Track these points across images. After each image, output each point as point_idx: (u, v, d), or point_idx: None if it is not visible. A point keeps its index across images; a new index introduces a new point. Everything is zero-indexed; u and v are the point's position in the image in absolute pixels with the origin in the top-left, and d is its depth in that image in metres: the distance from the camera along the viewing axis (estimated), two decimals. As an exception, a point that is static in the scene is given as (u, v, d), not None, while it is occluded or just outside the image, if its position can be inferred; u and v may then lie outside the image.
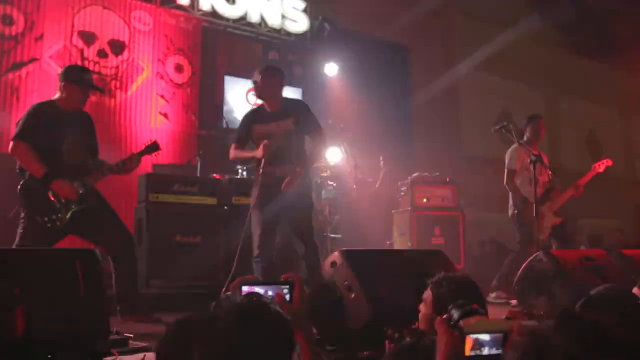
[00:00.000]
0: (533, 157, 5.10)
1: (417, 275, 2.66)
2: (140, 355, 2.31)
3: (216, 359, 1.09)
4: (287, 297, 1.53)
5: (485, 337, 1.23)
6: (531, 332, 0.99)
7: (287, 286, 1.53)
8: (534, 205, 5.01)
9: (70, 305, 1.88)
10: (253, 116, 4.36)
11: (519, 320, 1.26)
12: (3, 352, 1.63)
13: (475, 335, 1.22)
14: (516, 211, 5.56)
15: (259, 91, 4.34)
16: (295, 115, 4.24)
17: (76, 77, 3.93)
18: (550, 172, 5.57)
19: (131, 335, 2.70)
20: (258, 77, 4.32)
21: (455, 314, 1.30)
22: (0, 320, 1.66)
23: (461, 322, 1.26)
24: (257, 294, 1.47)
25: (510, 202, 5.68)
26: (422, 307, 2.07)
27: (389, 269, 2.83)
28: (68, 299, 1.88)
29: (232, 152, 4.35)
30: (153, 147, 4.07)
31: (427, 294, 2.05)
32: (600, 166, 5.85)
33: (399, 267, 2.88)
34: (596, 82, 12.97)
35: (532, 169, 5.07)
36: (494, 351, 1.22)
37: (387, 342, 2.17)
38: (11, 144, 3.72)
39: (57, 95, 3.96)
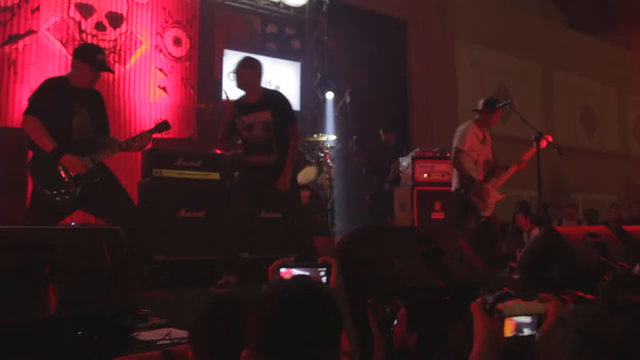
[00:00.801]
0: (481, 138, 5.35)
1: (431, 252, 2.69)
2: (164, 330, 2.33)
3: (269, 338, 1.10)
4: (324, 279, 1.54)
5: (526, 319, 1.25)
6: (581, 314, 1.01)
7: (324, 268, 1.55)
8: (480, 183, 5.31)
9: (99, 283, 1.89)
10: (236, 108, 4.39)
11: (553, 302, 1.27)
12: (35, 329, 1.64)
13: (515, 318, 1.24)
14: (462, 190, 5.47)
15: (239, 82, 4.44)
16: (273, 108, 4.38)
17: (89, 57, 3.88)
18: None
19: (149, 311, 2.73)
20: (238, 68, 4.46)
21: (489, 298, 1.32)
22: (32, 297, 1.68)
23: (500, 305, 1.27)
24: (307, 276, 1.49)
25: (455, 179, 5.58)
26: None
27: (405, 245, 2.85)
28: (96, 276, 1.89)
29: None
30: (163, 126, 4.06)
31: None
32: (542, 142, 5.78)
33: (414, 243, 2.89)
34: (593, 58, 12.99)
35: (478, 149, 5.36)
36: (532, 333, 1.24)
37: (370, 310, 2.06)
38: (23, 118, 3.72)
39: (69, 71, 3.93)
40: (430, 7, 10.48)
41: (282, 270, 1.52)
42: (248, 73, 4.42)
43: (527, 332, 1.25)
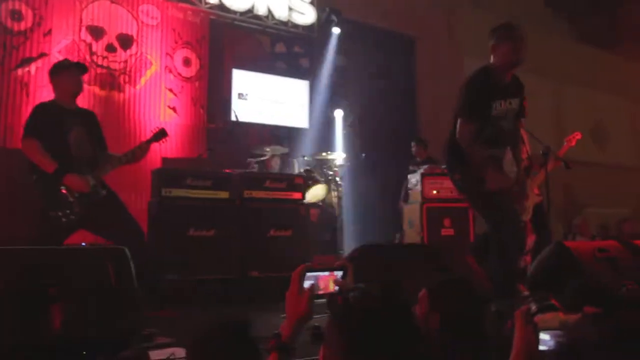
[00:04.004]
0: None
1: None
2: (169, 350, 2.34)
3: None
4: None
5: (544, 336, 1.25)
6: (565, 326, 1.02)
7: (341, 272, 1.78)
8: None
9: (104, 303, 1.90)
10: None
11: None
12: (41, 350, 1.65)
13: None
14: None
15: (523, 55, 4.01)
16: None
17: (57, 66, 4.08)
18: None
19: (155, 331, 2.73)
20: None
21: (533, 307, 1.32)
22: (38, 318, 1.69)
23: (537, 317, 1.27)
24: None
25: None
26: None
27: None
28: (101, 296, 1.90)
29: None
30: (160, 134, 4.11)
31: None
32: (572, 140, 5.92)
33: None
34: (603, 72, 12.93)
35: None
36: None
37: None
38: (21, 143, 3.79)
39: (55, 96, 4.04)
40: (439, 24, 10.52)
41: (308, 274, 1.67)
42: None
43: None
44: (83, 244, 5.07)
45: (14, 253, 1.94)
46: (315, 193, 6.58)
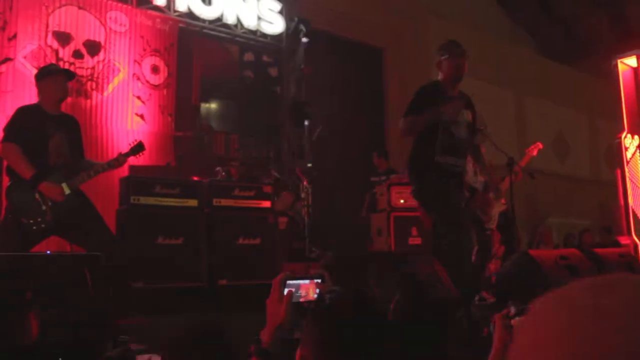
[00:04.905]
0: None
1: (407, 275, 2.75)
2: (145, 357, 2.34)
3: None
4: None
5: None
6: None
7: (319, 280, 1.83)
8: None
9: (80, 309, 1.90)
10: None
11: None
12: (17, 356, 1.65)
13: None
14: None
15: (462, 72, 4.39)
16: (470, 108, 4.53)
17: (44, 71, 4.06)
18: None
19: (127, 337, 2.72)
20: (464, 57, 4.35)
21: (512, 309, 1.38)
22: (15, 324, 1.69)
23: (513, 321, 1.34)
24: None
25: None
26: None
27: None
28: (77, 303, 1.90)
29: None
30: (138, 148, 4.10)
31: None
32: (533, 150, 6.12)
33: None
34: (564, 85, 13.30)
35: None
36: None
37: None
38: (1, 146, 3.74)
39: (39, 99, 3.98)
40: (406, 35, 10.69)
41: (289, 282, 1.71)
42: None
43: None
44: (48, 252, 5.00)
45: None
46: (284, 201, 6.62)
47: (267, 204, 5.51)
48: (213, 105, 8.44)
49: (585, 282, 0.54)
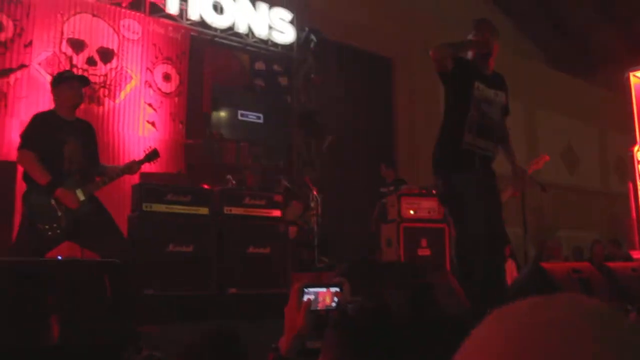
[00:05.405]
0: None
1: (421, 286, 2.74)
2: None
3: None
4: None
5: None
6: None
7: (338, 288, 1.79)
8: None
9: (101, 315, 1.91)
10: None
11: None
12: (39, 357, 1.65)
13: None
14: None
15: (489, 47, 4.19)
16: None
17: (59, 77, 4.12)
18: None
19: (141, 344, 2.72)
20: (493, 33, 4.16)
21: None
22: (37, 328, 1.69)
23: None
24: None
25: None
26: None
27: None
28: (98, 308, 1.91)
29: None
30: (153, 155, 4.12)
31: None
32: (539, 162, 6.00)
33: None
34: (574, 98, 13.27)
35: None
36: None
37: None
38: (18, 153, 3.80)
39: (55, 105, 4.02)
40: (415, 46, 10.70)
41: (306, 289, 1.71)
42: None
43: None
44: (59, 257, 5.02)
45: (14, 264, 1.94)
46: (293, 211, 6.62)
47: (277, 213, 5.50)
48: (223, 114, 8.47)
49: (529, 300, 0.58)
